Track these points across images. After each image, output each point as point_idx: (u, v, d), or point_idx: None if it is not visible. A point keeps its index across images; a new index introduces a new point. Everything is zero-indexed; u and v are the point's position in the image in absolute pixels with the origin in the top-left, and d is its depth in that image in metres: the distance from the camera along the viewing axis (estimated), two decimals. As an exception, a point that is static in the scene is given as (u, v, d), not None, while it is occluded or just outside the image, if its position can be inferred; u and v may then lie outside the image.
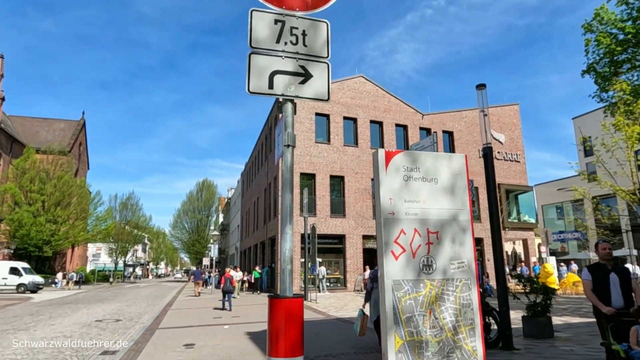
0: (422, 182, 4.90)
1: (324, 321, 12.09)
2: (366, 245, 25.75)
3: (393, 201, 4.72)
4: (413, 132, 28.59)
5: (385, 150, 4.94)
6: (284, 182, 3.70)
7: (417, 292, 4.57)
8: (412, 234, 4.71)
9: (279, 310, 3.24)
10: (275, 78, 3.80)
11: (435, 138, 7.85)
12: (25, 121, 54.75)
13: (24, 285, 29.94)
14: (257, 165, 34.59)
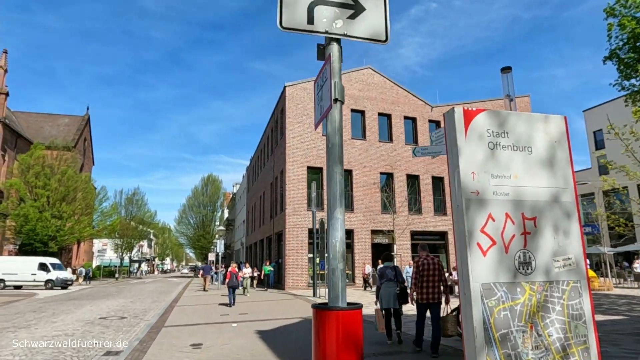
0: (513, 151, 3.80)
1: (335, 319, 11.62)
2: (375, 240, 25.25)
3: (477, 176, 3.64)
4: (422, 124, 27.99)
5: (464, 107, 3.76)
6: (331, 150, 2.89)
7: (513, 299, 3.50)
8: (503, 220, 3.64)
9: (329, 325, 2.46)
10: (316, 10, 3.05)
11: (459, 124, 7.32)
12: (29, 117, 54.60)
13: (51, 281, 28.91)
14: (263, 159, 34.12)
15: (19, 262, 30.10)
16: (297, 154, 24.25)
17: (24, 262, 30.10)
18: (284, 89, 25.26)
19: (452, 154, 3.73)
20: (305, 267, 23.27)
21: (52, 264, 30.19)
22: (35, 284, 28.69)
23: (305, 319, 11.61)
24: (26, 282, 28.93)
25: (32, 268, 29.21)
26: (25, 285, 28.91)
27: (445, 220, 27.03)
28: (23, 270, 29.12)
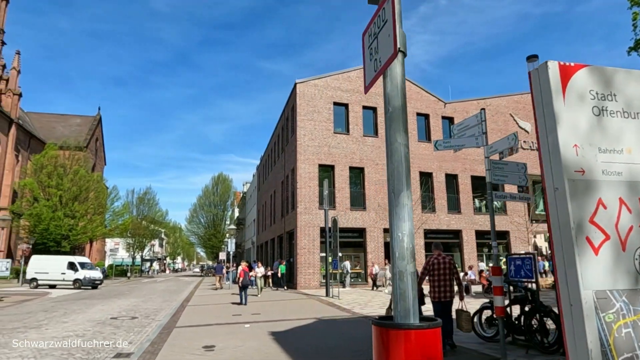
0: (624, 118, 3.00)
1: (350, 320, 11.28)
2: (387, 239, 24.80)
3: (581, 150, 2.85)
4: (435, 121, 27.48)
5: (560, 62, 2.97)
6: (391, 117, 2.30)
7: (636, 312, 2.68)
8: (617, 207, 2.83)
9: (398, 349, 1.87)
10: None
11: (484, 116, 6.89)
12: (42, 117, 55.15)
13: (79, 280, 28.01)
14: (274, 158, 33.88)
15: (50, 261, 29.68)
16: (308, 151, 23.93)
17: (55, 260, 29.67)
18: (295, 86, 24.96)
19: (546, 121, 2.94)
20: (317, 267, 22.95)
21: (80, 262, 29.48)
22: (64, 283, 28.22)
23: (320, 319, 11.29)
24: (56, 281, 28.42)
25: (62, 267, 28.69)
26: (56, 284, 28.47)
27: (459, 218, 26.52)
28: (54, 269, 28.66)
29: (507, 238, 27.57)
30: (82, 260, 30.95)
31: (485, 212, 28.04)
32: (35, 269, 29.19)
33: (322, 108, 24.79)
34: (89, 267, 29.90)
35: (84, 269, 28.78)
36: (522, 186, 6.77)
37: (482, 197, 28.62)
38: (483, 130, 6.81)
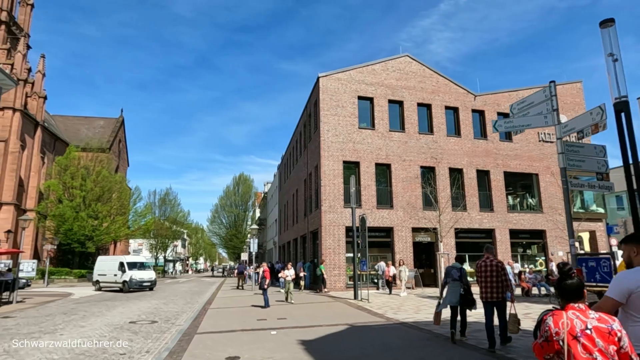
0: None
1: (386, 327, 10.27)
2: (416, 239, 23.67)
3: None
4: (465, 114, 26.13)
5: None
6: None
7: None
8: None
9: None
10: None
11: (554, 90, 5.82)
12: (67, 120, 55.91)
13: (126, 282, 25.06)
14: (296, 156, 33.08)
15: (108, 262, 27.63)
16: (333, 147, 22.99)
17: (113, 261, 27.42)
18: (318, 80, 24.05)
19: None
20: (343, 268, 21.98)
21: (130, 262, 26.39)
22: (117, 285, 25.71)
23: (352, 326, 10.34)
24: (111, 283, 26.11)
25: (115, 268, 26.27)
26: (110, 286, 26.18)
27: (492, 216, 25.10)
28: (110, 271, 26.51)
29: (543, 238, 25.98)
30: (132, 259, 27.81)
31: (519, 210, 26.53)
32: (98, 270, 27.58)
33: (346, 102, 23.82)
34: (140, 266, 26.63)
35: (133, 269, 25.74)
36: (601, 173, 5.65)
37: (516, 194, 27.12)
38: (554, 107, 5.73)
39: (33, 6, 46.49)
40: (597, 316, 2.37)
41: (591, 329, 2.31)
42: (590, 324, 2.33)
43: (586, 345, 2.28)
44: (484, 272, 7.64)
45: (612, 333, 2.30)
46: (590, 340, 2.29)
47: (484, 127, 26.52)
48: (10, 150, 38.02)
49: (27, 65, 42.57)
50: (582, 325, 2.33)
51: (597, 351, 2.28)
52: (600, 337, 2.29)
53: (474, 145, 25.79)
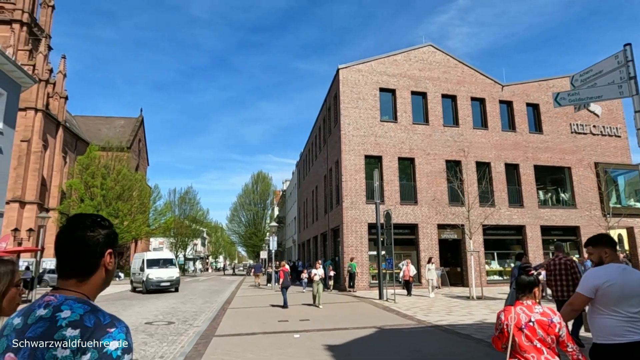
0: None
1: (419, 330, 9.43)
2: (442, 236, 22.65)
3: None
4: (492, 106, 24.91)
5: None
6: None
7: None
8: None
9: None
10: None
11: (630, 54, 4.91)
12: (88, 120, 56.59)
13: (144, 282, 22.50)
14: (315, 151, 32.34)
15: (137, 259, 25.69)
16: (354, 141, 22.15)
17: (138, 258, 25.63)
18: (337, 72, 23.24)
19: None
20: (366, 266, 21.15)
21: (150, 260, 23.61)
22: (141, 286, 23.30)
23: (380, 328, 9.53)
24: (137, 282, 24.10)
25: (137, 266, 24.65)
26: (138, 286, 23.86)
27: (522, 212, 23.85)
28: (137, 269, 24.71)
29: (577, 234, 24.57)
30: (153, 255, 25.10)
31: (551, 205, 25.18)
32: (132, 269, 25.89)
33: (367, 95, 22.94)
34: (162, 264, 23.78)
35: (153, 267, 23.03)
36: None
37: (547, 189, 25.76)
38: (630, 74, 4.79)
39: (54, 8, 47.04)
40: (541, 311, 2.80)
41: (534, 322, 2.76)
42: (533, 317, 2.78)
43: (528, 335, 2.75)
44: (555, 271, 7.40)
45: (552, 325, 2.73)
46: (531, 330, 2.75)
47: (512, 119, 25.26)
48: (32, 149, 38.47)
49: (49, 66, 43.03)
50: (527, 319, 2.78)
51: (537, 340, 2.73)
52: (540, 328, 2.74)
53: (502, 138, 24.57)
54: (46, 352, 1.15)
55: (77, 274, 1.32)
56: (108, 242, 1.37)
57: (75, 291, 1.29)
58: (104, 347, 1.17)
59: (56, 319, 1.20)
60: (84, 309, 1.23)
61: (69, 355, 1.15)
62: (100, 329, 1.20)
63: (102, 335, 1.18)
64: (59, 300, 1.25)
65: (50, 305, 1.24)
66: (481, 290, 16.91)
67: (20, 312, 1.29)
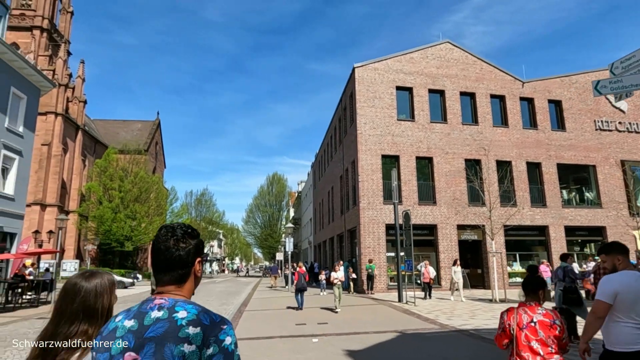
0: None
1: (442, 335, 9.05)
2: (462, 237, 22.10)
3: None
4: (512, 103, 24.25)
5: None
6: None
7: None
8: None
9: None
10: None
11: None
12: (106, 123, 57.45)
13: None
14: (330, 152, 32.06)
15: None
16: (370, 141, 21.80)
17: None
18: (353, 71, 22.93)
19: None
20: (384, 268, 20.74)
21: None
22: None
23: (402, 333, 9.19)
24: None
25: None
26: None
27: (545, 212, 23.11)
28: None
29: (603, 235, 23.71)
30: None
31: (575, 205, 24.36)
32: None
33: (383, 93, 22.56)
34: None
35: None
36: None
37: (571, 188, 24.95)
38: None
39: (73, 14, 47.89)
40: (543, 312, 2.87)
41: (536, 322, 2.83)
42: (536, 318, 2.86)
43: (527, 335, 2.84)
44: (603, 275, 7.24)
45: (553, 326, 2.80)
46: (532, 331, 2.83)
47: (533, 116, 24.54)
48: (53, 153, 39.12)
49: (68, 71, 43.76)
50: (528, 319, 2.86)
51: (536, 340, 2.80)
52: (542, 328, 2.81)
53: (523, 136, 23.88)
54: (174, 349, 1.26)
55: (174, 281, 1.45)
56: (197, 252, 1.49)
57: (178, 294, 1.43)
58: (221, 342, 1.31)
59: (174, 319, 1.32)
60: (196, 310, 1.36)
61: (195, 350, 1.27)
62: (215, 326, 1.33)
63: (218, 332, 1.32)
64: (170, 303, 1.37)
65: (163, 307, 1.36)
66: (504, 292, 16.36)
67: (129, 315, 1.38)
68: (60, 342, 1.61)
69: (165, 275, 1.45)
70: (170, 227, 1.50)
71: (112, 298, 1.80)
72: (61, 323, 1.67)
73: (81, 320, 1.68)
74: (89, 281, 1.75)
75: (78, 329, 1.64)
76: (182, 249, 1.45)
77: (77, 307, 1.68)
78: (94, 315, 1.70)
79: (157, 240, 1.48)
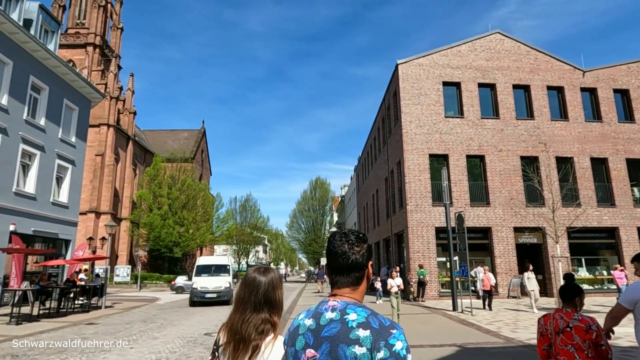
0: None
1: (509, 350, 8.01)
2: (520, 240, 20.49)
3: None
4: (572, 95, 22.34)
5: None
6: None
7: None
8: None
9: None
10: None
11: None
12: (155, 133, 59.66)
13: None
14: (374, 153, 31.16)
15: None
16: (417, 140, 20.76)
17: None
18: (396, 68, 22.01)
19: None
20: (435, 274, 19.56)
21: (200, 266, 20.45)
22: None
23: (463, 347, 8.22)
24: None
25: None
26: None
27: (614, 212, 20.98)
28: None
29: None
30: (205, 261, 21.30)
31: (650, 203, 21.95)
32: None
33: (429, 89, 21.47)
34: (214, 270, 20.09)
35: (202, 275, 19.68)
36: None
37: (643, 186, 22.53)
38: None
39: (122, 30, 50.19)
40: (579, 317, 3.03)
41: (572, 327, 2.99)
42: (572, 323, 3.01)
43: (564, 339, 3.00)
44: None
45: (589, 331, 2.91)
46: (568, 335, 2.98)
47: (597, 108, 22.48)
48: (106, 163, 40.91)
49: (119, 84, 45.81)
50: (564, 324, 3.04)
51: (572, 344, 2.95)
52: (577, 333, 2.95)
53: (585, 130, 21.90)
54: (346, 350, 1.33)
55: (349, 284, 1.51)
56: (369, 255, 1.56)
57: (350, 297, 1.49)
58: (392, 346, 1.31)
59: (346, 321, 1.38)
60: (365, 313, 1.40)
61: (366, 353, 1.31)
62: (385, 330, 1.34)
63: (387, 336, 1.33)
64: (342, 305, 1.45)
65: (336, 309, 1.44)
66: (572, 301, 14.78)
67: (308, 314, 1.51)
68: (252, 328, 1.79)
69: (342, 278, 1.51)
70: (343, 233, 1.57)
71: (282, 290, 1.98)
72: (247, 311, 1.84)
73: (264, 309, 1.84)
74: (266, 275, 1.92)
75: (263, 317, 1.82)
76: (357, 253, 1.51)
77: (260, 297, 1.85)
78: (274, 305, 1.87)
79: (333, 245, 1.54)
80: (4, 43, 16.76)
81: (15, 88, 17.39)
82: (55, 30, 21.22)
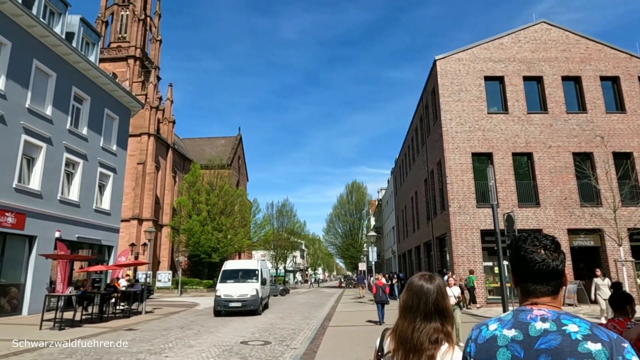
0: None
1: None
2: (574, 243, 18.99)
3: None
4: (629, 84, 20.61)
5: None
6: None
7: None
8: None
9: None
10: None
11: None
12: (193, 141, 61.04)
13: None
14: (412, 154, 30.18)
15: None
16: (458, 138, 19.75)
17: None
18: (434, 64, 21.12)
19: None
20: (482, 279, 18.43)
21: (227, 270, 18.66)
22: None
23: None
24: None
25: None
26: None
27: (682, 212, 19.03)
28: None
29: None
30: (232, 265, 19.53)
31: None
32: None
33: (470, 85, 20.43)
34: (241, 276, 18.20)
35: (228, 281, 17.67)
36: None
37: None
38: None
39: (161, 42, 51.77)
40: (632, 326, 2.97)
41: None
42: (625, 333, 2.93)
43: None
44: None
45: None
46: None
47: (658, 98, 20.60)
48: (147, 171, 42.07)
49: (158, 95, 47.13)
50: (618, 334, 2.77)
51: None
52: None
53: (646, 122, 20.09)
54: None
55: (550, 292, 1.40)
56: (564, 261, 1.44)
57: (554, 306, 1.37)
58: None
59: (567, 332, 1.26)
60: (587, 324, 1.28)
61: None
62: (617, 344, 1.23)
63: (622, 350, 1.22)
64: (553, 315, 1.33)
65: (547, 319, 1.32)
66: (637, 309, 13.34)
67: (505, 324, 1.37)
68: (425, 337, 1.75)
69: (540, 286, 1.40)
70: (534, 237, 1.46)
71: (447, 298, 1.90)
72: (417, 320, 1.80)
73: (435, 317, 1.80)
74: (432, 283, 1.87)
75: (435, 326, 1.78)
76: (557, 259, 1.42)
77: (430, 306, 1.81)
78: (444, 314, 1.83)
79: (525, 251, 1.43)
80: (47, 56, 17.35)
81: (58, 99, 17.96)
82: (96, 42, 21.88)
